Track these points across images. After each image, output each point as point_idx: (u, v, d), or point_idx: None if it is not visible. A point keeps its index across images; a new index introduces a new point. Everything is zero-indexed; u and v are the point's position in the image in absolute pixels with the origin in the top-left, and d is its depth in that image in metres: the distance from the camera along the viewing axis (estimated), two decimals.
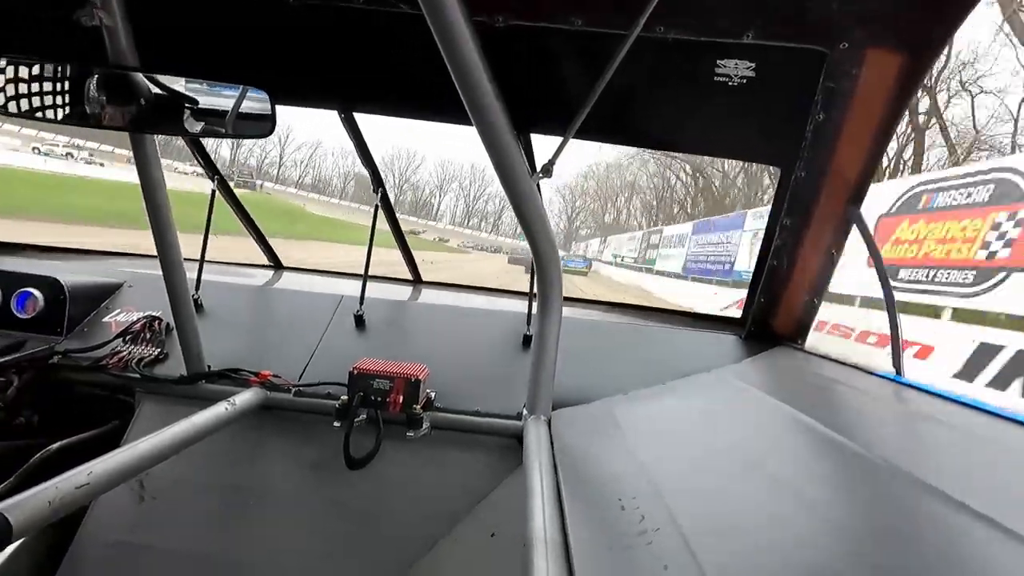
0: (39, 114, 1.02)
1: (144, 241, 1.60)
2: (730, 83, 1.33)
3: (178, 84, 1.09)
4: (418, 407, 1.47)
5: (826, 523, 0.77)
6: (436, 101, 1.58)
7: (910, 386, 1.28)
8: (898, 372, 1.38)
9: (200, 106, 1.09)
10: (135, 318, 1.81)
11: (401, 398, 1.46)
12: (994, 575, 0.60)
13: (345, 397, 1.47)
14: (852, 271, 8.00)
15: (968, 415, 1.08)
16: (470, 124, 1.08)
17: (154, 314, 1.81)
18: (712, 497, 0.92)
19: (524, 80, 1.43)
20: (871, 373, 1.40)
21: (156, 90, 1.08)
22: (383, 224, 2.04)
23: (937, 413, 1.12)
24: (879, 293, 1.50)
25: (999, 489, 0.80)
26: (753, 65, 1.30)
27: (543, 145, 1.51)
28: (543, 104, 1.47)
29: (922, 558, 0.66)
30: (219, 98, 1.10)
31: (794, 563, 0.70)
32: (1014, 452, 0.93)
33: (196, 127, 1.11)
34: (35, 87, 1.00)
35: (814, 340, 1.74)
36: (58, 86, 1.02)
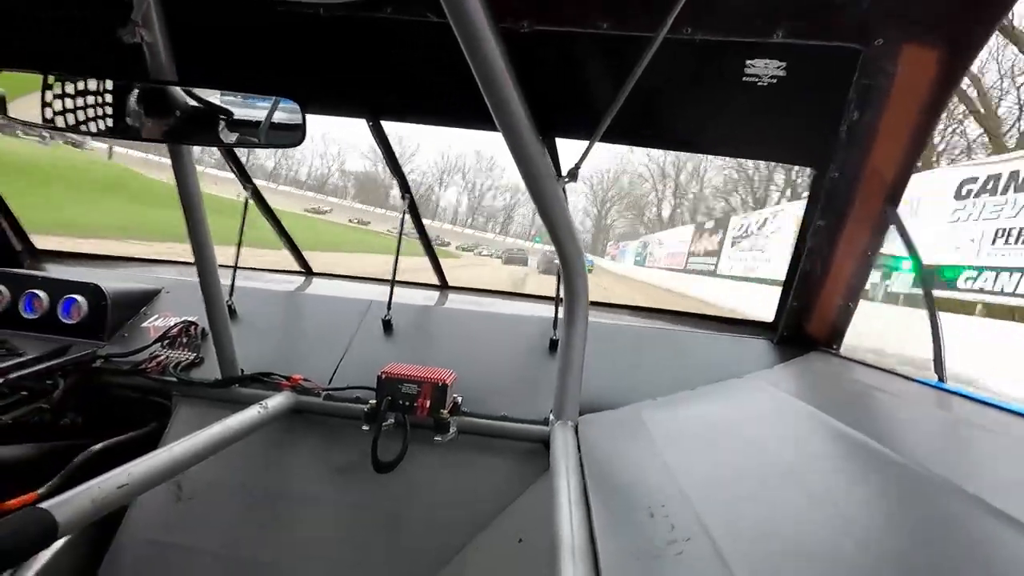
0: (83, 127, 1.06)
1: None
2: (760, 83, 1.31)
3: (213, 96, 1.12)
4: (445, 411, 1.47)
5: (866, 537, 0.74)
6: (462, 107, 1.59)
7: (954, 393, 1.23)
8: (941, 378, 1.33)
9: (234, 117, 1.12)
10: (172, 323, 1.86)
11: (428, 402, 1.47)
12: None
13: (373, 401, 1.49)
14: None
15: (1012, 421, 1.03)
16: (496, 130, 1.09)
17: (190, 319, 1.87)
18: (745, 507, 0.90)
19: (550, 84, 1.43)
20: (912, 379, 1.35)
21: (193, 103, 1.11)
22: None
23: (984, 422, 1.07)
24: None
25: None
26: (784, 64, 1.27)
27: (568, 149, 1.50)
28: (569, 107, 1.47)
29: (959, 569, 0.63)
30: (252, 109, 1.13)
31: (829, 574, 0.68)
32: None
33: (231, 137, 1.14)
34: (80, 102, 1.05)
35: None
36: (101, 100, 1.06)
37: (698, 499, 0.91)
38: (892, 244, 1.48)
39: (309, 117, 1.17)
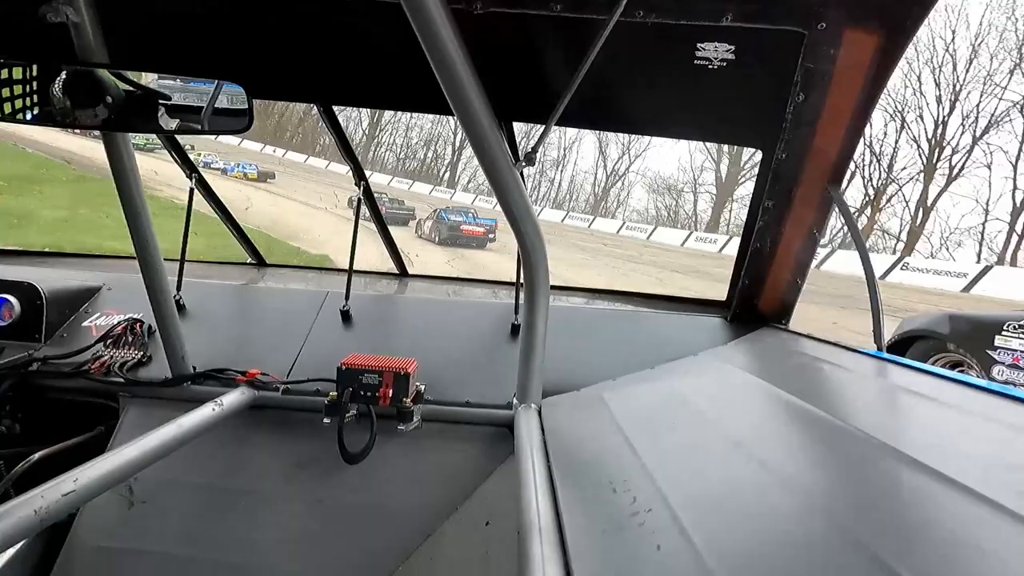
0: (8, 116, 0.99)
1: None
2: (710, 66, 1.34)
3: (150, 80, 1.07)
4: (408, 400, 1.46)
5: (810, 498, 0.79)
6: (416, 91, 1.56)
7: (891, 361, 1.31)
8: (880, 348, 1.41)
9: (174, 102, 1.07)
10: (116, 321, 1.77)
11: (391, 391, 1.46)
12: (968, 539, 0.62)
13: (334, 393, 1.47)
14: None
15: (946, 387, 1.11)
16: (452, 114, 1.07)
17: (135, 317, 1.78)
18: (702, 477, 0.94)
19: (505, 68, 1.42)
20: (854, 350, 1.43)
21: (127, 87, 1.05)
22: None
23: (917, 387, 1.14)
24: None
25: (975, 458, 0.83)
26: (733, 48, 1.30)
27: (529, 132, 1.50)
28: (524, 92, 1.47)
29: (899, 526, 0.68)
30: (194, 94, 1.08)
31: (779, 538, 0.72)
32: (990, 421, 0.95)
33: (171, 124, 1.09)
34: (3, 90, 0.97)
35: None
36: (25, 87, 0.99)
37: (658, 473, 0.95)
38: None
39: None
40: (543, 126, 1.22)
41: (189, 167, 1.98)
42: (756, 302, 1.79)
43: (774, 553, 0.70)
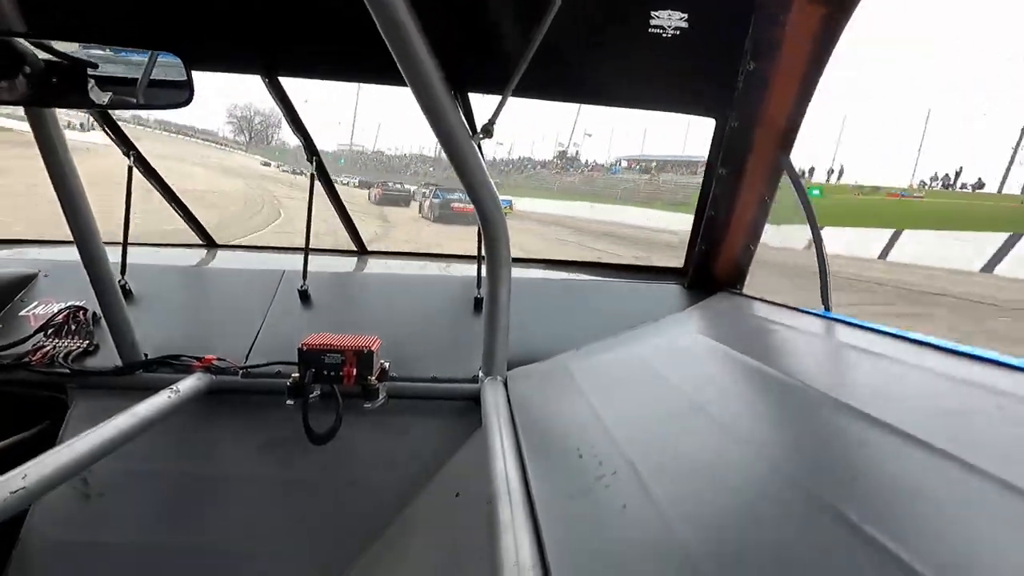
0: None
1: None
2: (664, 35, 1.33)
3: (76, 50, 0.99)
4: (372, 378, 1.45)
5: (764, 452, 0.83)
6: (367, 62, 1.51)
7: (837, 320, 1.38)
8: (827, 308, 1.47)
9: (105, 74, 0.99)
10: (56, 310, 1.68)
11: (354, 370, 1.44)
12: (908, 481, 0.67)
13: (296, 375, 1.44)
14: None
15: (888, 343, 1.18)
16: (404, 85, 1.04)
17: (78, 304, 1.69)
18: (664, 439, 0.97)
19: (459, 37, 1.38)
20: (803, 311, 1.49)
21: (51, 58, 0.97)
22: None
23: (861, 343, 1.21)
24: None
25: (914, 407, 0.89)
26: (686, 16, 1.30)
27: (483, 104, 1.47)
28: (480, 61, 1.43)
29: (847, 474, 0.73)
30: (127, 65, 1.01)
31: (737, 491, 0.76)
32: (926, 372, 1.02)
33: (103, 98, 1.01)
34: None
35: None
36: None
37: (622, 437, 0.98)
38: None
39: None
40: (499, 97, 1.20)
41: (126, 144, 1.86)
42: (712, 268, 1.84)
43: (733, 506, 0.74)
